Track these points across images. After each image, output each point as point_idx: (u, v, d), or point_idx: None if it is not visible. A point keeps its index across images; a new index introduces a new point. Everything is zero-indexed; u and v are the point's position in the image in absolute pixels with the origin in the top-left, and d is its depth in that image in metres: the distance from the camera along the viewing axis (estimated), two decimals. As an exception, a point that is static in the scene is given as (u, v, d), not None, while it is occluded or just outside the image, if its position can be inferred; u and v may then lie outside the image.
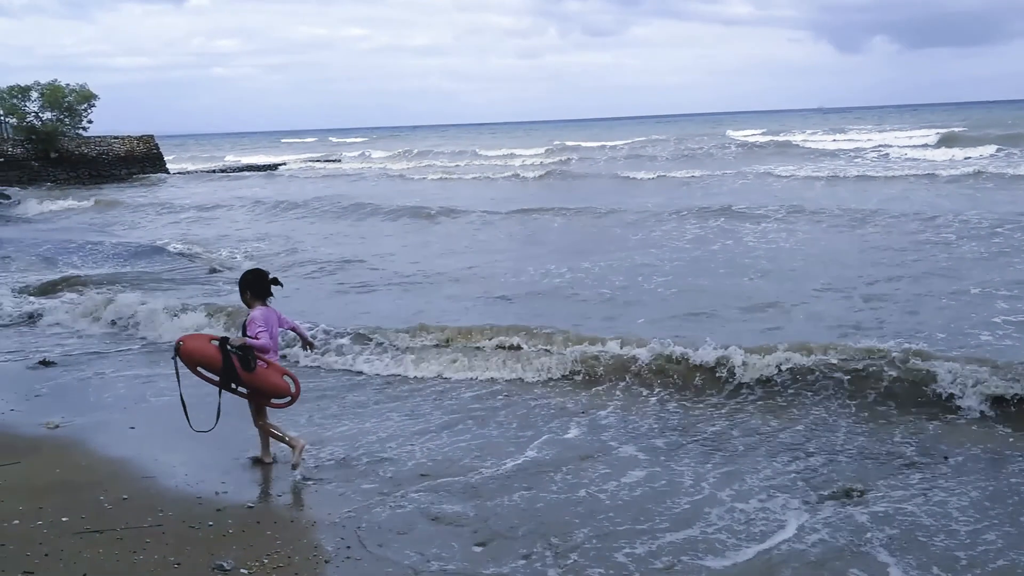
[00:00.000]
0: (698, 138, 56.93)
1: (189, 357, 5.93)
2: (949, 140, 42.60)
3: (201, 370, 6.00)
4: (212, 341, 6.02)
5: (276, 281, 6.21)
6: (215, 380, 6.01)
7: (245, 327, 6.09)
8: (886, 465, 5.99)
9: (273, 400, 6.17)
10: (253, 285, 6.17)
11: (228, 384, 6.02)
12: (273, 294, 6.23)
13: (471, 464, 6.22)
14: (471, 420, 7.27)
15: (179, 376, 5.98)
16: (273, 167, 56.10)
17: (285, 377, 6.11)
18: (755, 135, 59.28)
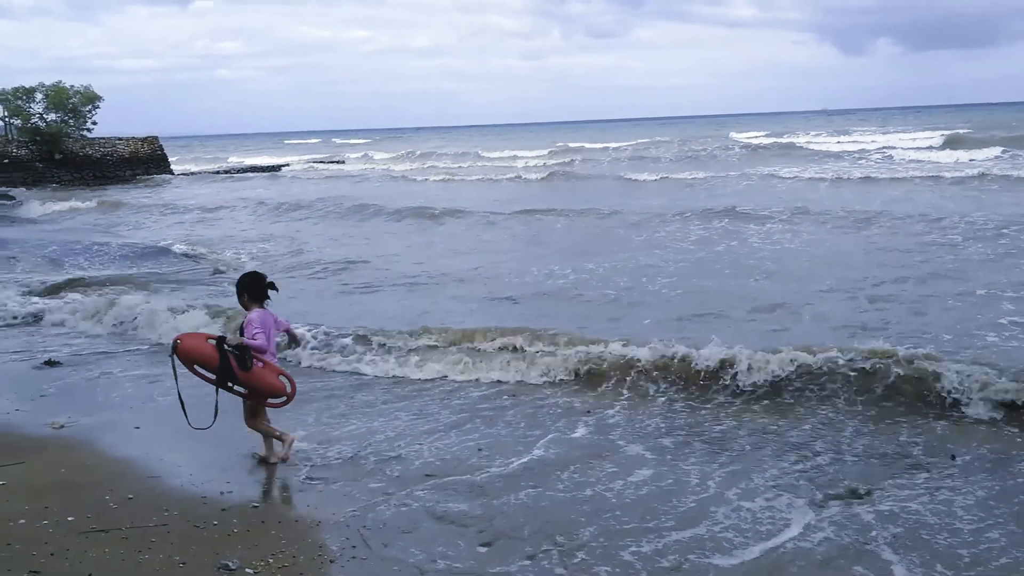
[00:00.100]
0: (701, 140, 56.94)
1: (186, 355, 5.98)
2: (954, 142, 42.50)
3: (198, 368, 6.04)
4: (209, 340, 6.07)
5: (273, 285, 6.26)
6: (212, 379, 6.05)
7: (243, 329, 6.15)
8: (892, 465, 5.98)
9: (269, 400, 6.22)
10: (251, 288, 6.24)
11: (225, 383, 6.06)
12: (270, 297, 6.28)
13: (478, 463, 6.22)
14: (479, 419, 7.27)
15: (176, 374, 6.02)
16: (276, 168, 56.15)
17: (281, 377, 6.17)
18: (759, 137, 59.27)
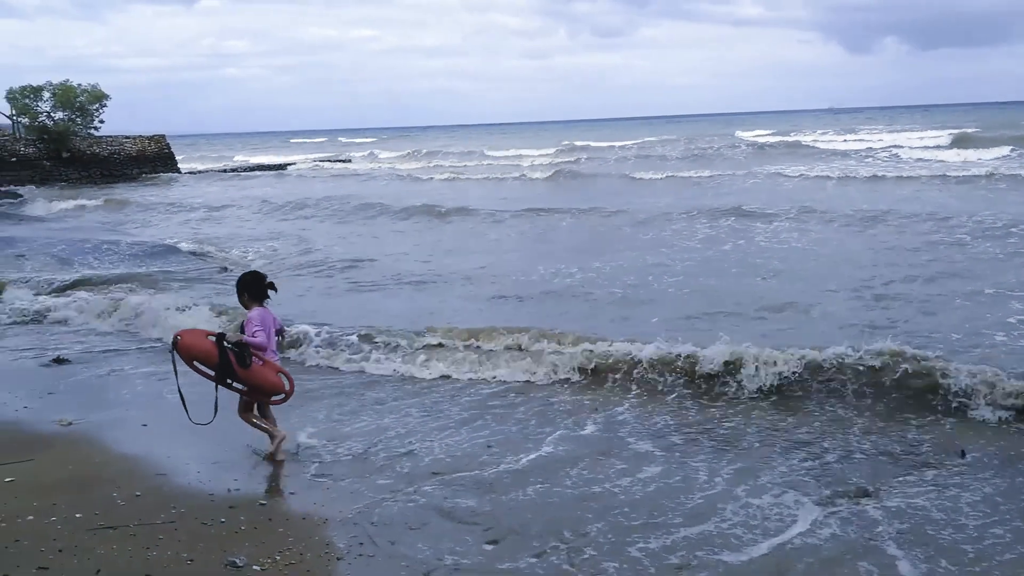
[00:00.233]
0: (708, 138, 56.84)
1: (186, 352, 6.02)
2: (962, 141, 42.36)
3: (198, 364, 6.08)
4: (209, 337, 6.11)
5: (272, 285, 6.31)
6: (211, 375, 6.08)
7: (243, 327, 6.20)
8: (900, 463, 5.98)
9: (267, 397, 6.26)
10: (251, 287, 6.30)
11: (224, 380, 6.09)
12: (270, 296, 6.32)
13: (487, 460, 6.23)
14: (489, 416, 7.29)
15: (177, 370, 6.06)
16: (282, 167, 56.24)
17: (280, 375, 6.21)
18: (765, 135, 59.15)
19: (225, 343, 6.01)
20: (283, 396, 6.26)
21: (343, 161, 63.05)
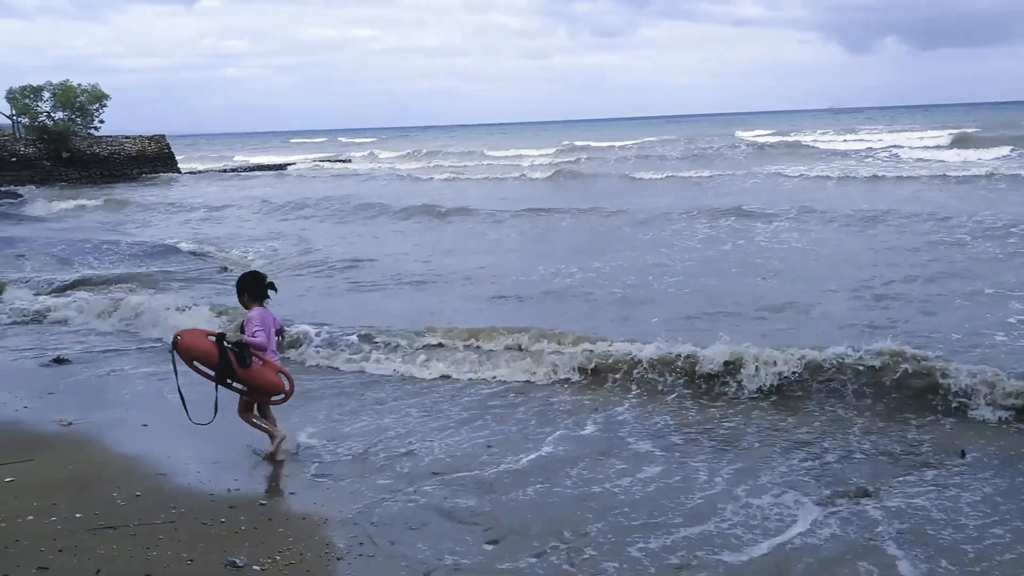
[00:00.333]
0: (708, 138, 56.82)
1: (186, 351, 6.03)
2: (962, 141, 42.35)
3: (197, 364, 6.09)
4: (209, 336, 6.12)
5: (272, 285, 6.33)
6: (211, 375, 6.09)
7: (243, 327, 6.21)
8: (900, 463, 5.99)
9: (267, 397, 6.26)
10: (251, 287, 6.31)
11: (224, 380, 6.10)
12: (270, 296, 6.33)
13: (488, 460, 6.24)
14: (489, 416, 7.30)
15: (177, 370, 6.07)
16: (282, 167, 56.22)
17: (279, 375, 6.22)
18: (765, 135, 59.14)
19: (225, 343, 6.02)
20: (283, 396, 6.27)
21: (343, 161, 63.02)
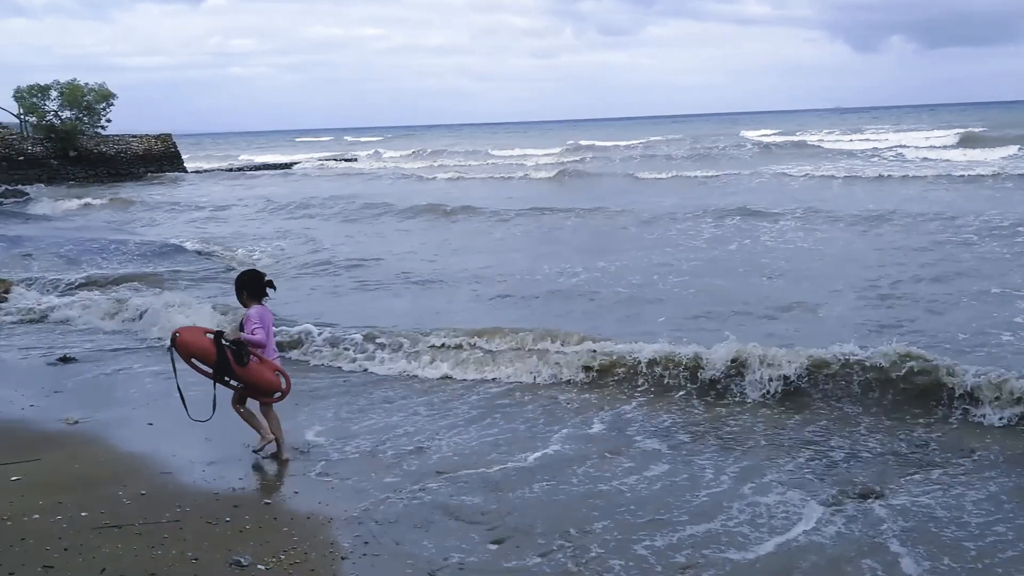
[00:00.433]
0: (713, 138, 56.72)
1: (185, 349, 6.07)
2: (969, 140, 42.16)
3: (195, 362, 6.13)
4: (207, 334, 6.16)
5: (271, 283, 6.35)
6: (209, 373, 6.13)
7: (242, 324, 6.23)
8: (905, 462, 5.99)
9: (263, 395, 6.28)
10: (249, 286, 6.33)
11: (221, 377, 6.13)
12: (268, 295, 6.35)
13: (495, 458, 6.25)
14: (498, 415, 7.31)
15: (175, 367, 6.12)
16: (288, 166, 56.25)
17: (276, 374, 6.25)
18: (770, 135, 58.98)
19: (223, 341, 6.06)
20: (279, 395, 6.29)
21: (348, 160, 63.04)
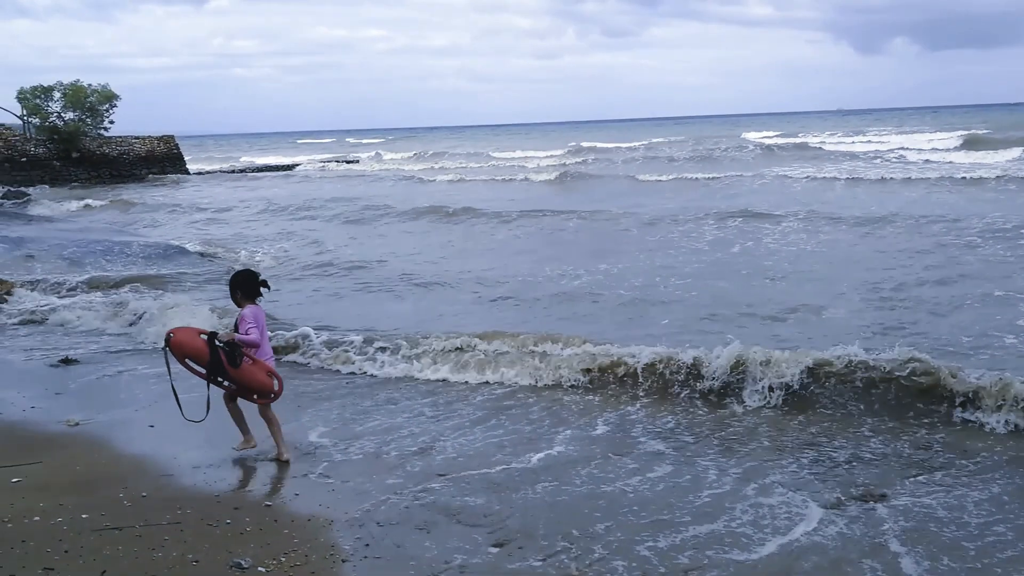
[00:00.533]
0: (715, 139, 56.69)
1: (179, 349, 6.11)
2: (972, 143, 42.07)
3: (189, 362, 6.17)
4: (201, 335, 6.18)
5: (265, 284, 6.38)
6: (202, 373, 6.16)
7: (237, 324, 6.25)
8: (908, 463, 5.99)
9: (256, 397, 6.30)
10: (243, 285, 6.36)
11: (214, 377, 6.16)
12: (262, 294, 6.38)
13: (499, 459, 6.26)
14: (503, 416, 7.32)
15: (170, 367, 6.16)
16: (289, 167, 56.28)
17: (269, 375, 6.25)
18: (773, 137, 58.92)
19: (217, 342, 6.07)
20: (272, 396, 6.29)
21: (350, 162, 63.04)
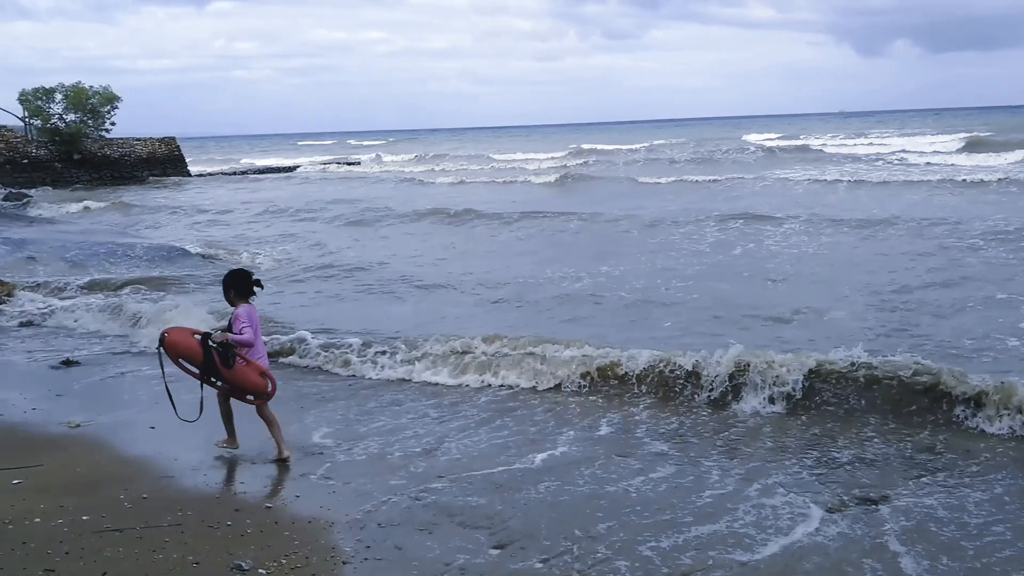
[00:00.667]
0: (716, 141, 56.67)
1: (172, 349, 6.15)
2: (974, 145, 42.04)
3: (183, 362, 6.19)
4: (195, 335, 6.20)
5: (259, 283, 6.40)
6: (195, 373, 6.18)
7: (231, 323, 6.26)
8: (910, 465, 5.99)
9: (249, 397, 6.31)
10: (236, 285, 6.38)
11: (207, 377, 6.18)
12: (256, 293, 6.40)
13: (502, 460, 6.26)
14: (508, 418, 7.33)
15: (163, 367, 6.19)
16: (290, 169, 56.30)
17: (263, 375, 6.26)
18: (774, 139, 58.90)
19: (210, 343, 6.09)
20: (265, 396, 6.30)
21: (350, 164, 63.05)
